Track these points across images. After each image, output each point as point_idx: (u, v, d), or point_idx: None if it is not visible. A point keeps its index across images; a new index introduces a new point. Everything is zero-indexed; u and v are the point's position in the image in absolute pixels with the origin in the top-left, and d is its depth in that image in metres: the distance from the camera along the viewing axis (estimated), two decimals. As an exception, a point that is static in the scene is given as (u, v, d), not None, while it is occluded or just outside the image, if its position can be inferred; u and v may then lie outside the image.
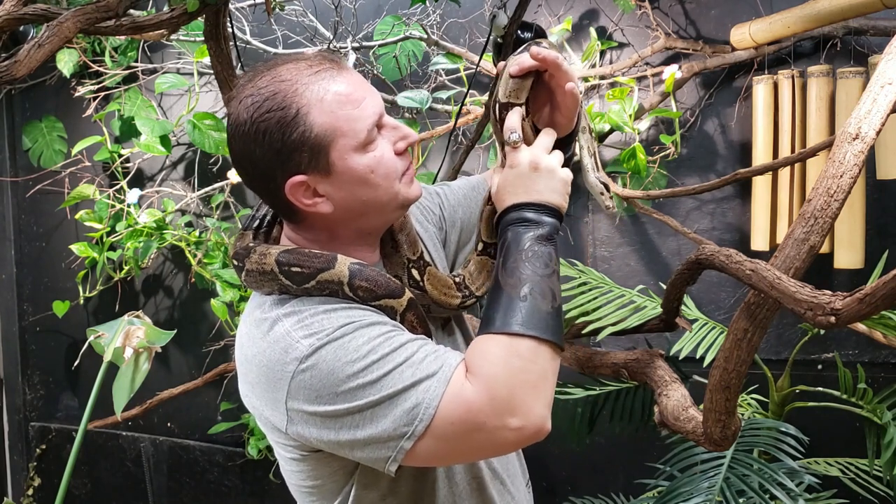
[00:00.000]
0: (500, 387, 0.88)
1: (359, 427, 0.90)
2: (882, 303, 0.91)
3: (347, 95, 0.96)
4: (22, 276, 3.36)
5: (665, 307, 1.50)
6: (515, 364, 0.89)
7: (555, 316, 0.93)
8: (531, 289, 0.93)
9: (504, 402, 0.88)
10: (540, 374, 0.90)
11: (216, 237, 2.72)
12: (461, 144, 2.55)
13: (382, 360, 0.90)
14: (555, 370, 0.92)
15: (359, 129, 0.96)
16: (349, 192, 0.98)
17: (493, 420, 0.88)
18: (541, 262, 0.95)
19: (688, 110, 2.32)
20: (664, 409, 1.39)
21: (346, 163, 0.96)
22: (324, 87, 0.95)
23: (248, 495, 2.95)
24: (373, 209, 1.01)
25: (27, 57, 1.37)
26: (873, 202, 2.10)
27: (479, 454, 1.01)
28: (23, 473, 3.39)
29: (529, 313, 0.91)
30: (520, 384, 0.88)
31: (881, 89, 1.06)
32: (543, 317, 0.92)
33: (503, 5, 1.79)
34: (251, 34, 2.64)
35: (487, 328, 0.92)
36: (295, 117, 0.94)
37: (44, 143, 3.09)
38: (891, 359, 2.16)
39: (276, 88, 0.95)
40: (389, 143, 1.00)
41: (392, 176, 1.00)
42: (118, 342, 2.17)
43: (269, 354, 0.94)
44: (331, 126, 0.95)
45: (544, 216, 0.99)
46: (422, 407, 0.88)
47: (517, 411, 0.88)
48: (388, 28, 2.45)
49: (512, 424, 0.88)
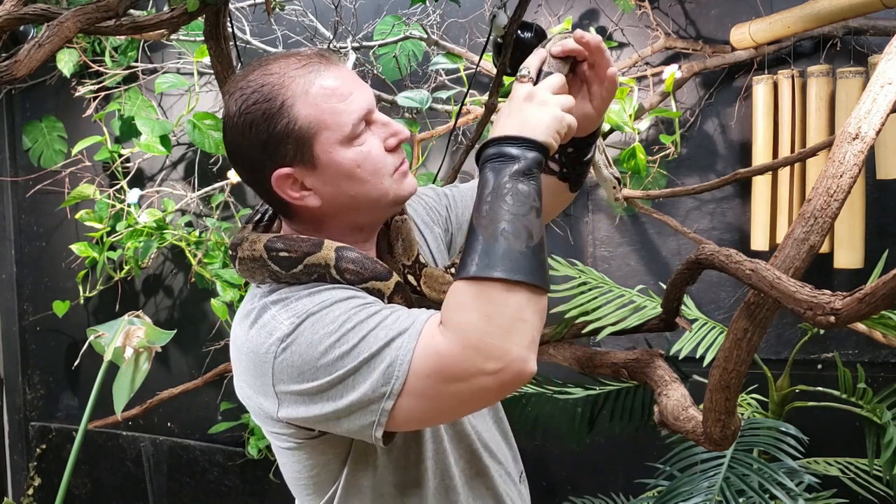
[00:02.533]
0: (470, 333, 0.85)
1: (342, 396, 0.90)
2: (882, 302, 0.91)
3: (333, 89, 0.97)
4: (22, 275, 3.36)
5: (665, 307, 1.50)
6: (485, 309, 0.85)
7: (530, 255, 0.87)
8: (503, 229, 0.87)
9: (475, 348, 0.84)
10: (513, 317, 0.85)
11: (216, 237, 2.72)
12: (461, 144, 2.55)
13: (357, 327, 0.90)
14: (535, 310, 0.86)
15: (343, 123, 0.96)
16: (336, 186, 0.99)
17: (466, 367, 0.85)
18: (517, 199, 0.88)
19: (688, 110, 2.32)
20: (664, 409, 1.39)
21: (330, 156, 0.97)
22: (310, 81, 0.96)
23: (248, 495, 2.95)
24: (363, 204, 1.01)
25: (27, 57, 1.37)
26: (873, 202, 2.10)
27: (462, 407, 0.95)
28: (23, 473, 3.39)
29: (501, 255, 0.86)
30: (492, 329, 0.84)
31: (881, 89, 1.06)
32: (516, 257, 0.86)
33: (503, 5, 1.79)
34: (251, 34, 2.64)
35: (460, 273, 0.88)
36: (280, 109, 0.95)
37: (44, 143, 3.09)
38: (891, 358, 2.16)
39: (263, 81, 0.97)
40: (379, 139, 1.00)
41: (381, 172, 1.00)
42: (118, 342, 2.17)
43: (255, 340, 0.95)
44: (315, 119, 0.96)
45: (527, 151, 0.91)
46: (396, 364, 0.87)
47: (491, 355, 0.84)
48: (388, 28, 2.45)
49: (488, 368, 0.84)
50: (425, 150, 2.58)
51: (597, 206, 2.45)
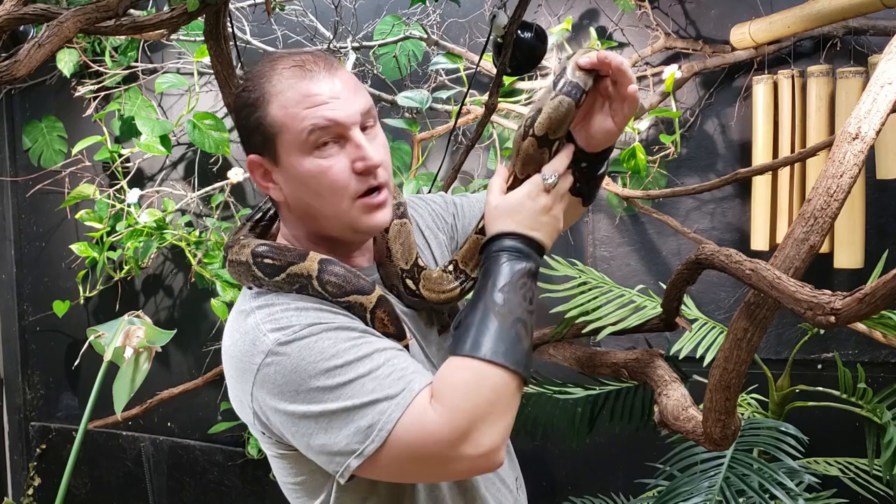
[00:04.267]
0: (462, 418, 0.86)
1: (313, 434, 0.91)
2: (882, 302, 0.91)
3: (308, 96, 0.96)
4: (22, 275, 3.36)
5: (665, 307, 1.50)
6: (483, 395, 0.87)
7: (529, 353, 0.93)
8: (517, 320, 0.92)
9: (463, 434, 0.86)
10: (505, 407, 0.89)
11: (216, 237, 2.72)
12: (461, 144, 2.56)
13: (345, 367, 0.90)
14: (517, 405, 0.92)
15: (300, 129, 0.96)
16: (294, 190, 1.00)
17: (449, 451, 0.86)
18: (529, 297, 0.95)
19: (688, 110, 2.32)
20: (664, 409, 1.39)
21: (290, 160, 0.98)
22: (291, 83, 0.97)
23: (248, 495, 2.95)
24: (322, 218, 1.01)
25: (27, 57, 1.37)
26: (873, 202, 2.10)
27: (428, 479, 1.01)
28: (23, 473, 3.39)
29: (512, 344, 0.91)
30: (484, 416, 0.87)
31: (881, 89, 1.06)
32: (522, 351, 0.91)
33: (503, 5, 1.79)
34: (251, 34, 2.64)
35: (463, 350, 0.90)
36: (256, 101, 0.99)
37: (44, 143, 3.09)
38: (891, 358, 2.16)
39: (259, 72, 1.00)
40: (349, 160, 0.98)
41: (339, 192, 0.98)
42: (118, 342, 2.17)
43: (239, 346, 0.96)
44: (279, 120, 0.97)
45: (537, 255, 0.99)
46: (375, 429, 0.87)
47: (475, 443, 0.86)
48: (388, 28, 2.45)
49: (469, 454, 0.87)
50: (425, 150, 2.58)
51: (597, 206, 2.45)
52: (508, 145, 2.40)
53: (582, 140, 1.05)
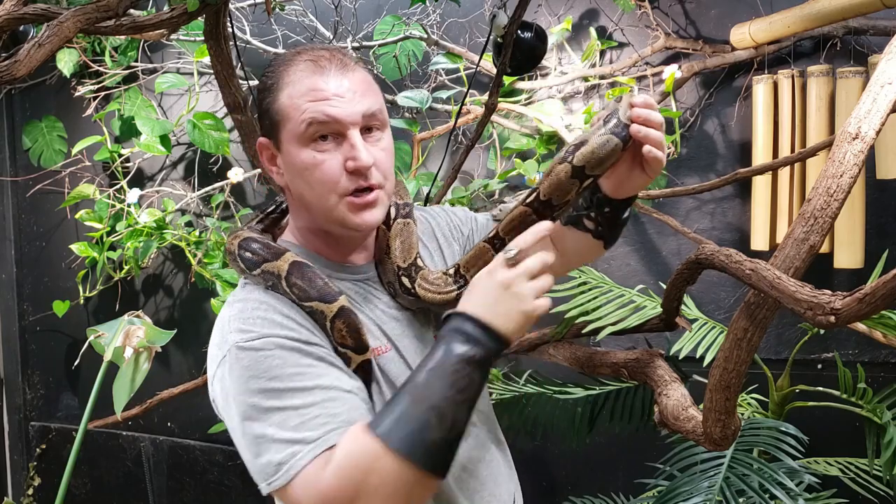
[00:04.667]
0: (341, 493, 0.86)
1: (240, 444, 0.95)
2: (882, 302, 0.91)
3: (315, 91, 1.00)
4: (22, 275, 3.36)
5: (665, 307, 1.50)
6: (366, 476, 0.86)
7: (443, 446, 0.87)
8: (432, 407, 0.87)
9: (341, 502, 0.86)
10: (390, 496, 0.85)
11: (216, 237, 2.72)
12: (461, 144, 2.55)
13: (281, 394, 0.91)
14: (421, 494, 0.88)
15: (300, 120, 1.00)
16: (291, 178, 1.05)
17: None
18: (459, 385, 0.87)
19: (688, 110, 2.32)
20: (664, 409, 1.39)
21: (288, 148, 1.03)
22: (303, 75, 1.01)
23: (248, 495, 2.95)
24: (313, 209, 1.04)
25: (27, 57, 1.38)
26: (873, 202, 2.10)
27: None
28: (23, 473, 3.39)
29: (415, 431, 0.86)
30: (363, 498, 0.85)
31: (881, 89, 1.06)
32: (427, 442, 0.86)
33: (503, 5, 1.79)
34: (251, 34, 2.64)
35: (375, 425, 0.88)
36: (270, 86, 1.04)
37: (44, 143, 3.09)
38: (891, 358, 2.16)
39: (281, 59, 1.05)
40: (343, 157, 1.01)
41: (328, 186, 1.01)
42: (118, 342, 2.17)
43: (215, 333, 1.02)
44: (284, 109, 1.02)
45: (490, 342, 0.90)
46: (284, 467, 0.89)
47: None
48: (388, 28, 2.45)
49: None
50: (425, 150, 2.58)
51: (597, 206, 2.45)
52: (509, 145, 2.41)
53: (609, 186, 1.05)
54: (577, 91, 2.43)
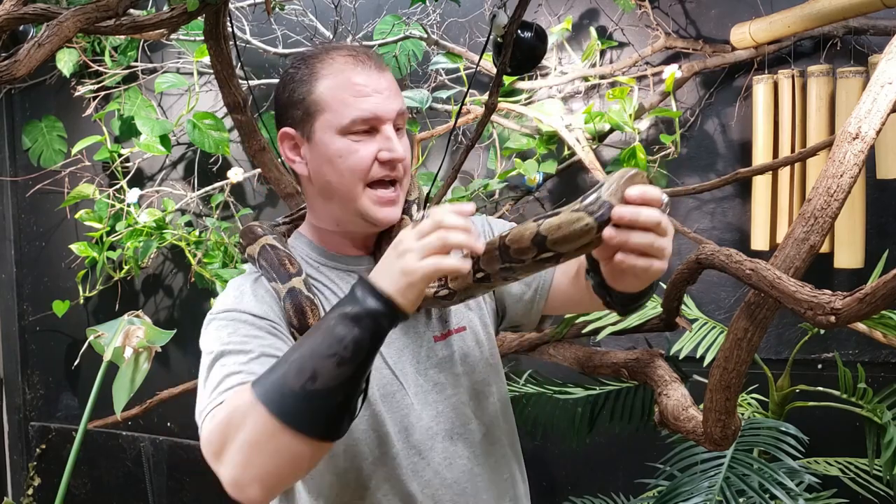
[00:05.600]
0: (214, 433, 0.90)
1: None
2: (882, 302, 0.91)
3: (355, 85, 1.05)
4: (22, 275, 3.36)
5: (665, 307, 1.50)
6: (234, 421, 0.88)
7: (302, 398, 0.84)
8: (293, 360, 0.87)
9: (212, 449, 0.90)
10: (251, 443, 0.86)
11: (216, 237, 2.72)
12: (461, 144, 2.55)
13: (219, 356, 1.01)
14: (278, 448, 0.86)
15: (344, 114, 1.05)
16: (318, 165, 1.08)
17: (209, 458, 0.92)
18: (325, 338, 0.86)
19: (688, 110, 2.32)
20: (664, 409, 1.39)
21: (323, 136, 1.07)
22: (343, 70, 1.06)
23: (248, 495, 2.95)
24: (336, 197, 1.09)
25: (27, 56, 1.37)
26: (873, 202, 2.09)
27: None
28: (23, 473, 3.39)
29: (274, 383, 0.86)
30: (230, 441, 0.88)
31: (881, 89, 1.06)
32: (284, 392, 0.85)
33: (503, 5, 1.79)
34: (251, 34, 2.64)
35: (257, 379, 0.90)
36: (308, 77, 1.07)
37: (44, 143, 3.09)
38: (891, 358, 2.16)
39: (314, 54, 1.10)
40: (377, 147, 1.06)
41: (357, 174, 1.06)
42: (118, 342, 2.17)
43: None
44: (325, 99, 1.06)
45: (368, 298, 0.86)
46: (200, 417, 0.98)
47: (221, 463, 0.89)
48: (388, 27, 2.45)
49: (219, 471, 0.90)
50: (425, 150, 2.57)
51: (597, 206, 2.45)
52: (509, 145, 2.41)
53: (606, 272, 0.92)
54: (577, 91, 2.42)
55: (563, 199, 2.48)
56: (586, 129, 2.32)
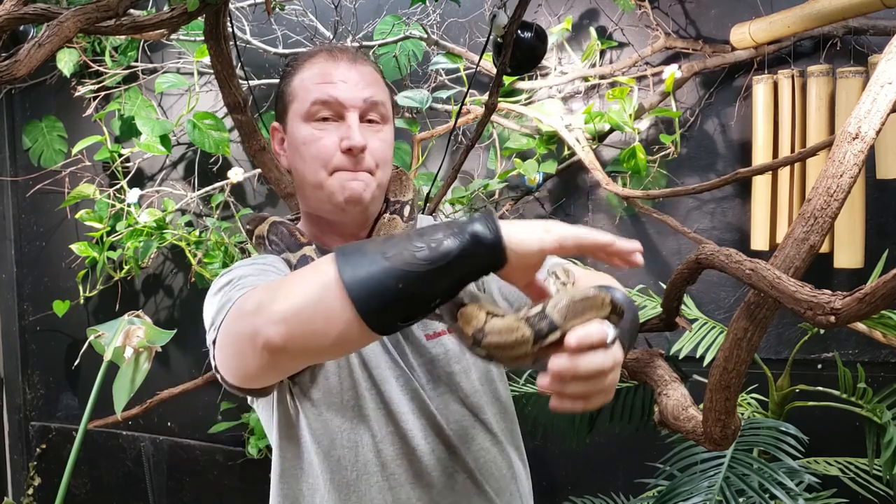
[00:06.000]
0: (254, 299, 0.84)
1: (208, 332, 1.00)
2: (882, 302, 0.91)
3: (324, 75, 1.09)
4: (22, 275, 3.36)
5: (665, 306, 1.50)
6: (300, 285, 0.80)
7: (371, 262, 0.76)
8: (387, 238, 0.79)
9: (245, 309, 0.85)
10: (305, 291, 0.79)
11: (216, 237, 2.72)
12: (461, 144, 2.55)
13: (235, 282, 1.01)
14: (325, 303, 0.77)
15: (305, 99, 1.09)
16: (291, 154, 1.13)
17: (237, 318, 0.87)
18: (425, 233, 0.77)
19: (688, 110, 2.32)
20: (664, 409, 1.39)
21: (292, 125, 1.11)
22: (316, 63, 1.11)
23: (248, 495, 2.95)
24: (307, 184, 1.11)
25: (27, 56, 1.37)
26: (873, 202, 2.10)
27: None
28: (23, 473, 3.39)
29: (356, 245, 0.79)
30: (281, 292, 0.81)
31: (881, 89, 1.06)
32: (360, 251, 0.78)
33: (503, 5, 1.79)
34: (251, 34, 2.64)
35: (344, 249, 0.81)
36: (289, 73, 1.13)
37: (44, 143, 3.09)
38: (891, 358, 2.16)
39: (303, 54, 1.15)
40: (338, 137, 1.08)
41: (320, 161, 1.08)
42: (118, 342, 2.17)
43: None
44: (295, 90, 1.11)
45: (483, 224, 0.77)
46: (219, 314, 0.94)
47: (257, 312, 0.82)
48: (388, 28, 2.45)
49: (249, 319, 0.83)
50: (425, 150, 2.58)
51: (597, 206, 2.45)
52: (509, 145, 2.41)
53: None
54: (577, 91, 2.43)
55: (563, 200, 2.48)
56: (586, 129, 2.32)
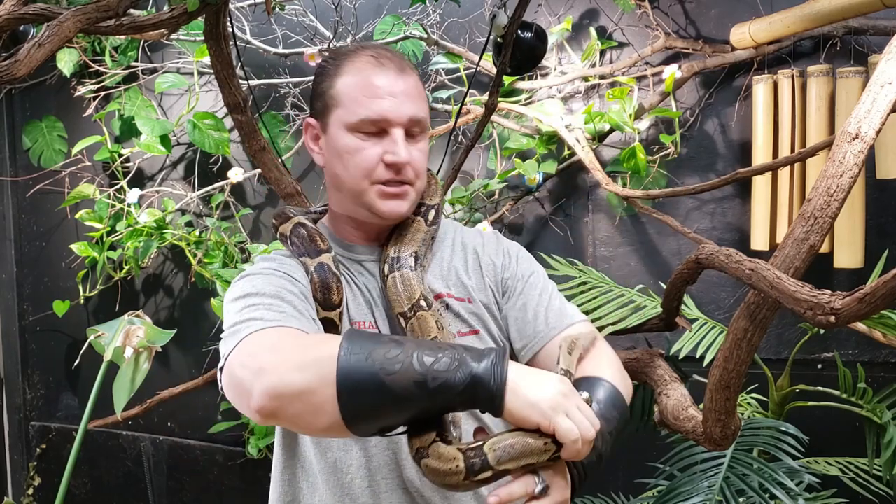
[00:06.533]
0: (266, 346, 0.94)
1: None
2: (882, 302, 0.91)
3: (371, 86, 1.09)
4: (22, 275, 3.36)
5: (665, 306, 1.50)
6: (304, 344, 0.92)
7: (367, 372, 0.83)
8: (399, 343, 0.85)
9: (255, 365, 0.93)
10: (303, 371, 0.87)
11: (216, 237, 2.72)
12: (461, 144, 2.55)
13: (242, 298, 1.05)
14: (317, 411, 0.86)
15: (353, 111, 1.09)
16: (330, 157, 1.14)
17: (252, 362, 0.94)
18: (433, 357, 0.84)
19: (688, 110, 2.32)
20: (664, 409, 1.39)
21: (334, 131, 1.12)
22: (366, 71, 1.10)
23: (248, 495, 2.95)
24: (345, 190, 1.14)
25: (27, 57, 1.37)
26: (873, 202, 2.10)
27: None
28: (23, 473, 3.39)
29: (366, 342, 0.86)
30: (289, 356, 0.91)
31: (881, 89, 1.06)
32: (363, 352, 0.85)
33: (503, 5, 1.79)
34: (251, 34, 2.64)
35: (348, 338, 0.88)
36: (331, 72, 1.13)
37: (44, 143, 3.09)
38: (891, 358, 2.16)
39: (345, 50, 1.15)
40: (382, 150, 1.10)
41: (363, 172, 1.10)
42: (118, 342, 2.17)
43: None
44: (339, 95, 1.11)
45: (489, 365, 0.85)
46: (236, 335, 0.99)
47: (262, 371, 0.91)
48: (388, 28, 2.45)
49: (253, 381, 0.92)
50: (425, 150, 2.57)
51: (597, 206, 2.45)
52: (509, 145, 2.41)
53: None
54: (577, 91, 2.43)
55: (563, 200, 2.48)
56: (586, 129, 2.32)
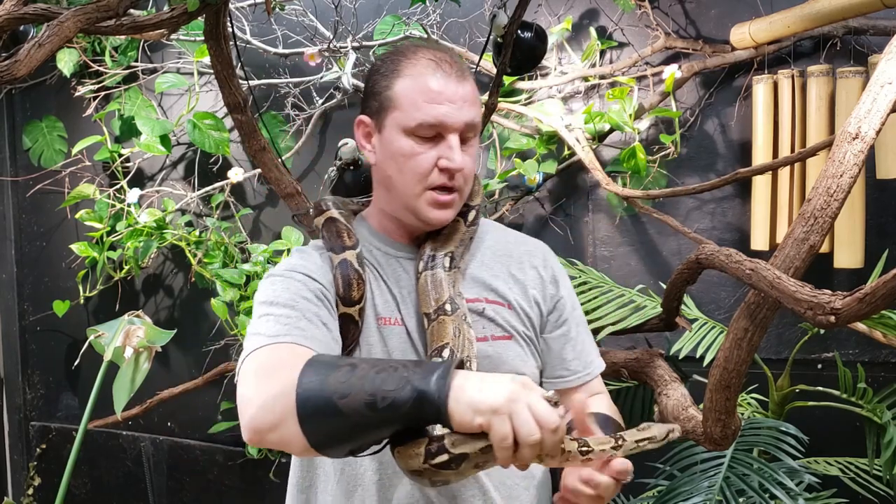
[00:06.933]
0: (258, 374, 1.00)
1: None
2: (882, 302, 0.91)
3: (430, 90, 1.09)
4: (22, 275, 3.36)
5: (665, 306, 1.50)
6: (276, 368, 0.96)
7: (324, 400, 0.86)
8: (352, 370, 0.87)
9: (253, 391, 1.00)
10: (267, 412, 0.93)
11: (216, 237, 2.72)
12: (461, 144, 2.55)
13: (263, 306, 1.09)
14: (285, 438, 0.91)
15: (412, 115, 1.10)
16: (383, 159, 1.15)
17: (249, 388, 1.00)
18: (381, 380, 0.85)
19: (688, 110, 2.32)
20: (664, 409, 1.40)
21: (390, 133, 1.12)
22: (426, 74, 1.10)
23: (248, 495, 2.95)
24: (394, 192, 1.15)
25: (27, 57, 1.38)
26: (873, 202, 2.10)
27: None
28: (23, 473, 3.39)
29: (321, 370, 0.89)
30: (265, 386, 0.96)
31: (881, 89, 1.06)
32: (320, 384, 0.87)
33: (503, 5, 1.79)
34: (251, 34, 2.64)
35: (310, 367, 0.90)
36: (390, 72, 1.13)
37: (44, 143, 3.09)
38: (891, 358, 2.16)
39: (403, 49, 1.15)
40: (437, 155, 1.11)
41: (416, 176, 1.11)
42: (118, 342, 2.17)
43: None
44: (398, 98, 1.11)
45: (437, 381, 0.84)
46: (245, 350, 1.04)
47: (252, 399, 0.98)
48: (388, 28, 2.45)
49: (246, 406, 0.99)
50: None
51: (597, 206, 2.45)
52: (509, 145, 2.41)
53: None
54: (577, 91, 2.43)
55: (563, 200, 2.48)
56: (586, 129, 2.32)
